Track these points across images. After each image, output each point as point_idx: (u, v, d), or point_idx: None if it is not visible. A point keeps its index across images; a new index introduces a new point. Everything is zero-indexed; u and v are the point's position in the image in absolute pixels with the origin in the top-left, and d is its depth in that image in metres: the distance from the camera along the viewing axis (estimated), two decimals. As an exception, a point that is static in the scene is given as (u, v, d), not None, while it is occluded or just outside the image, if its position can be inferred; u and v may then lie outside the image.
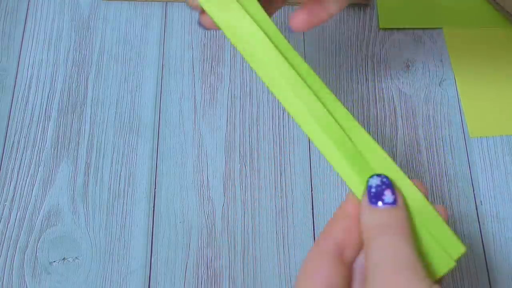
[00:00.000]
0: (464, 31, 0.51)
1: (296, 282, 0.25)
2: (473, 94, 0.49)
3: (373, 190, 0.24)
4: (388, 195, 0.24)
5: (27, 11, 0.51)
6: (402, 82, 0.49)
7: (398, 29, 0.51)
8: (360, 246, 0.25)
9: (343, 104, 0.27)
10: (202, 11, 0.29)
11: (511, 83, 0.49)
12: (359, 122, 0.26)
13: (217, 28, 0.29)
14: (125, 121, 0.47)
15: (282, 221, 0.44)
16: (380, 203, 0.24)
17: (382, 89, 0.49)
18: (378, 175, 0.25)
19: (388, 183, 0.24)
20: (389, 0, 0.52)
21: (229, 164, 0.45)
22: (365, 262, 0.23)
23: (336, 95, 0.27)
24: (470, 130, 0.47)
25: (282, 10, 0.51)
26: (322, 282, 0.24)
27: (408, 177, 0.25)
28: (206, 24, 0.30)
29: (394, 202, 0.24)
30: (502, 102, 0.48)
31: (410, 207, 0.25)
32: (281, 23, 0.50)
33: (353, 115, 0.26)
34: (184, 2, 0.27)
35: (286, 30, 0.45)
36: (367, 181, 0.25)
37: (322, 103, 0.26)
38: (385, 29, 0.51)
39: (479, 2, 0.52)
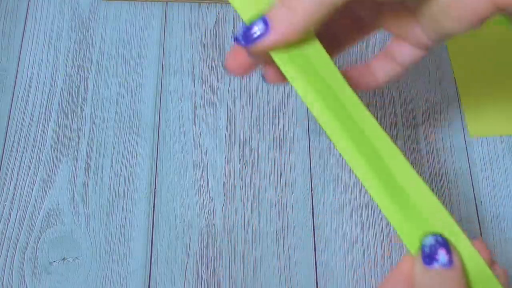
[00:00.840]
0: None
1: None
2: (473, 94, 0.49)
3: (426, 249, 0.23)
4: (442, 255, 0.23)
5: (27, 11, 0.51)
6: (402, 82, 0.49)
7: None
8: None
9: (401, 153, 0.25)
10: (267, 63, 0.25)
11: (511, 83, 0.49)
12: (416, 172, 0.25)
13: (283, 81, 0.26)
14: (125, 121, 0.47)
15: (282, 221, 0.44)
16: (433, 264, 0.23)
17: (382, 89, 0.49)
18: (433, 235, 0.24)
19: (443, 242, 0.23)
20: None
21: (229, 164, 0.45)
22: None
23: None
24: (470, 130, 0.47)
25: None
26: None
27: (468, 236, 0.24)
28: (270, 78, 0.27)
29: (449, 263, 0.23)
30: (502, 102, 0.48)
31: (466, 268, 0.23)
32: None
33: (411, 164, 0.25)
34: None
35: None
36: (421, 240, 0.24)
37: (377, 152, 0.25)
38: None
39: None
